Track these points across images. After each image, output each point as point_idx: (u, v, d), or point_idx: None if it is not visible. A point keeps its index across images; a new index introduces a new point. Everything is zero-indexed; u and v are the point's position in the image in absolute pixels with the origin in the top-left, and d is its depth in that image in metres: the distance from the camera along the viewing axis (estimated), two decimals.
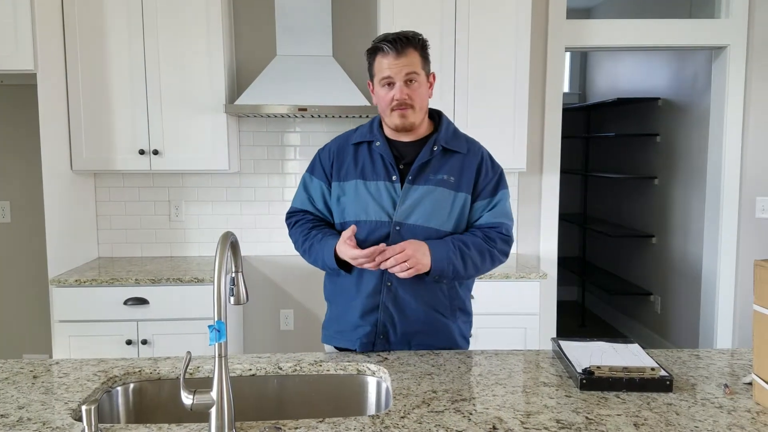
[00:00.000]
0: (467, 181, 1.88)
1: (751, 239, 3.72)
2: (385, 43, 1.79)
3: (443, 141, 1.88)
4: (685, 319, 4.44)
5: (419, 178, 1.85)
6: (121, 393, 1.67)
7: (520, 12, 3.32)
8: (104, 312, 3.11)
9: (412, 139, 1.90)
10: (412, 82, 1.80)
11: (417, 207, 1.83)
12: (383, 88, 1.82)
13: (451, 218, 1.86)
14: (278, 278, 3.80)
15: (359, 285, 1.88)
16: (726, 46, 3.70)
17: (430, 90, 1.89)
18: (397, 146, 1.90)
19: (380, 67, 1.81)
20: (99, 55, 3.30)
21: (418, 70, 1.81)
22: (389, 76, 1.79)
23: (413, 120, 1.83)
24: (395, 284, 1.84)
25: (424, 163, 1.86)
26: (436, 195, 1.84)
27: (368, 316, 1.87)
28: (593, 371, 1.56)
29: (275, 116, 3.50)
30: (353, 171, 1.89)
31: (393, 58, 1.78)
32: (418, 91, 1.81)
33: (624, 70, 5.57)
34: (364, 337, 1.87)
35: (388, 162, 1.86)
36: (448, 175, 1.86)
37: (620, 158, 5.63)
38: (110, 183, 3.69)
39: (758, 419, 1.37)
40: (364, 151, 1.91)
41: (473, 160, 1.90)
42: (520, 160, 3.40)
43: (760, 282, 1.43)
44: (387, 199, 1.85)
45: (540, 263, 3.80)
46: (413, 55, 1.80)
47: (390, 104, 1.81)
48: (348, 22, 3.67)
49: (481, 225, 1.90)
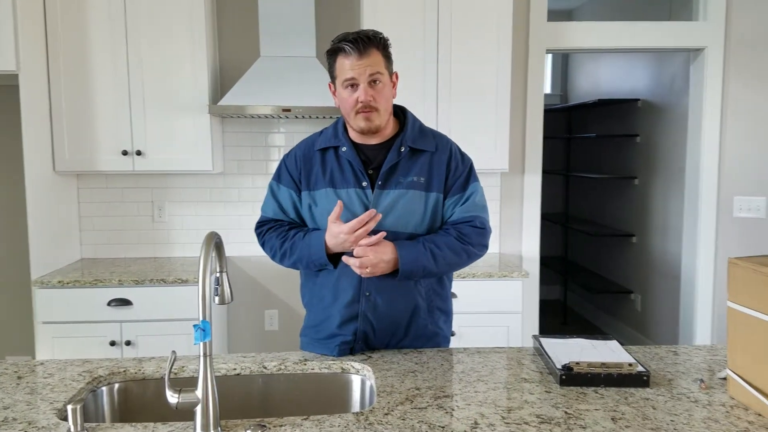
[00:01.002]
0: (438, 179, 1.85)
1: (730, 238, 3.78)
2: (346, 43, 1.73)
3: (410, 141, 1.85)
4: (665, 316, 4.50)
5: (389, 182, 1.82)
6: (106, 393, 1.68)
7: (501, 14, 3.36)
8: (87, 313, 3.10)
9: (379, 141, 1.86)
10: (376, 83, 1.76)
11: (390, 212, 1.81)
12: (346, 90, 1.77)
13: (425, 220, 1.84)
14: (263, 279, 3.81)
15: (337, 295, 1.85)
16: (704, 48, 3.77)
17: (393, 90, 1.85)
18: (364, 150, 1.86)
19: (342, 68, 1.76)
20: (82, 55, 3.29)
21: (381, 70, 1.76)
22: (353, 78, 1.74)
23: (378, 123, 1.79)
24: (374, 293, 1.83)
25: (393, 166, 1.82)
26: (408, 198, 1.82)
27: (347, 326, 1.85)
28: (572, 367, 1.59)
29: (259, 117, 3.51)
30: (322, 179, 1.85)
31: (355, 58, 1.73)
32: (382, 92, 1.77)
33: (604, 72, 5.64)
34: (344, 344, 1.84)
35: (356, 168, 1.82)
36: (418, 176, 1.83)
37: (601, 158, 5.70)
38: (93, 184, 3.68)
39: (732, 413, 1.41)
40: (331, 157, 1.86)
41: (442, 157, 1.87)
42: (503, 160, 3.43)
43: (734, 279, 1.47)
44: (359, 206, 1.81)
45: (522, 262, 3.84)
46: (376, 54, 1.75)
47: (354, 106, 1.76)
48: (331, 23, 3.68)
49: (454, 221, 1.86)
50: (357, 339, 1.86)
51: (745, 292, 1.43)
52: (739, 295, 1.45)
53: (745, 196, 3.72)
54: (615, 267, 5.44)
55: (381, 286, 1.83)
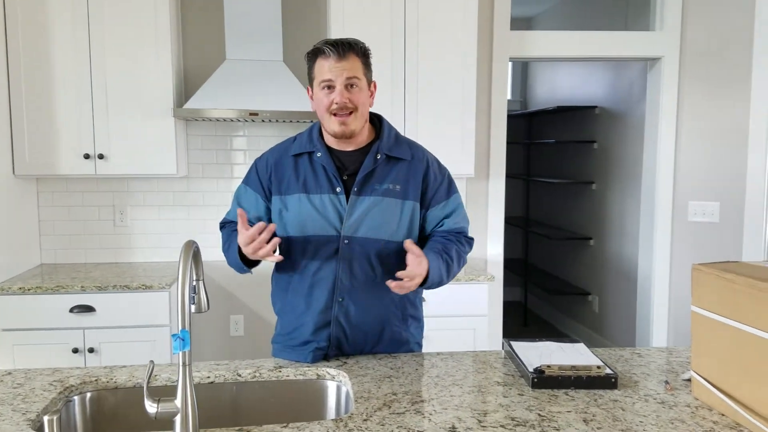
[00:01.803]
0: (414, 188, 1.86)
1: (684, 241, 3.92)
2: (326, 46, 1.75)
3: (386, 149, 1.85)
4: (622, 317, 4.63)
5: (365, 188, 1.82)
6: (78, 402, 1.65)
7: (467, 23, 3.41)
8: (49, 320, 3.03)
9: (354, 147, 1.86)
10: (353, 86, 1.76)
11: (365, 219, 1.81)
12: (323, 91, 1.77)
13: (401, 228, 1.85)
14: (228, 283, 3.78)
15: (310, 301, 1.86)
16: (660, 57, 3.89)
17: (371, 99, 1.85)
18: (339, 156, 1.85)
19: (321, 70, 1.76)
20: (43, 57, 3.22)
21: (359, 75, 1.77)
22: (330, 79, 1.75)
23: (353, 127, 1.79)
24: (347, 299, 1.84)
25: (369, 172, 1.83)
26: (384, 206, 1.82)
27: (320, 332, 1.85)
28: (544, 370, 1.64)
29: (225, 120, 3.49)
30: (295, 184, 1.84)
31: (334, 61, 1.74)
32: (359, 96, 1.77)
33: (563, 79, 5.77)
34: (318, 350, 1.84)
35: (330, 174, 1.82)
36: (394, 184, 1.84)
37: (560, 164, 5.83)
38: (53, 188, 3.60)
39: (697, 413, 1.47)
40: (305, 162, 1.85)
41: (419, 167, 1.88)
42: (469, 165, 3.49)
43: (698, 285, 1.53)
44: (332, 212, 1.81)
45: (487, 266, 3.90)
46: (354, 60, 1.76)
47: (329, 107, 1.76)
48: (298, 27, 3.69)
49: (447, 231, 1.90)
50: (331, 345, 1.87)
51: (709, 297, 1.49)
52: (703, 299, 1.52)
53: (699, 201, 3.85)
54: (573, 269, 5.56)
55: (354, 292, 1.85)
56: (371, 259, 1.83)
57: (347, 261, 1.82)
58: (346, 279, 1.83)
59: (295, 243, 1.85)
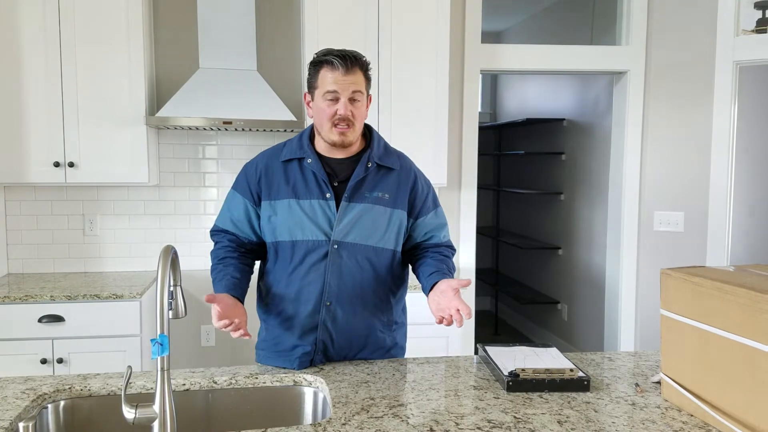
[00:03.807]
0: (402, 198, 1.91)
1: (650, 250, 4.01)
2: (334, 57, 1.78)
3: (377, 157, 1.90)
4: (591, 325, 4.71)
5: (356, 195, 1.86)
6: (52, 411, 1.63)
7: (439, 36, 3.46)
8: (17, 330, 2.97)
9: (345, 155, 1.90)
10: (356, 100, 1.81)
11: (355, 225, 1.85)
12: (326, 102, 1.80)
13: (390, 235, 1.90)
14: (199, 293, 3.75)
15: (297, 306, 1.88)
16: (626, 71, 4.00)
17: (366, 110, 1.90)
18: (329, 163, 1.89)
19: (325, 80, 1.80)
20: (13, 63, 3.17)
21: (362, 89, 1.82)
22: (335, 91, 1.78)
23: (352, 138, 1.84)
24: (334, 303, 1.87)
25: (360, 180, 1.87)
26: (374, 213, 1.87)
27: (307, 336, 1.87)
28: (519, 374, 1.67)
29: (197, 129, 3.48)
30: (285, 189, 1.87)
31: (341, 74, 1.78)
32: (360, 110, 1.83)
33: (532, 92, 5.88)
34: (305, 355, 1.86)
35: (321, 180, 1.85)
36: (383, 193, 1.89)
37: (529, 175, 5.92)
38: (21, 196, 3.54)
39: (667, 414, 1.52)
40: (295, 168, 1.88)
41: (407, 178, 1.94)
42: (441, 175, 3.53)
43: (666, 289, 1.58)
44: (322, 217, 1.84)
45: (460, 274, 3.94)
46: (359, 74, 1.81)
47: (332, 118, 1.80)
48: (272, 36, 3.70)
49: (439, 244, 2.00)
50: (317, 349, 1.88)
51: (677, 300, 1.54)
52: (671, 303, 1.57)
53: (664, 211, 3.95)
54: (543, 278, 5.64)
55: (341, 296, 1.87)
56: (360, 264, 1.87)
57: (336, 265, 1.85)
58: (334, 283, 1.86)
59: (284, 247, 1.88)
